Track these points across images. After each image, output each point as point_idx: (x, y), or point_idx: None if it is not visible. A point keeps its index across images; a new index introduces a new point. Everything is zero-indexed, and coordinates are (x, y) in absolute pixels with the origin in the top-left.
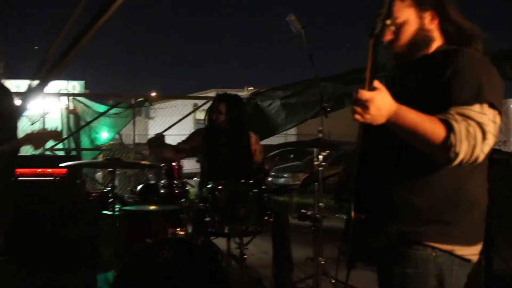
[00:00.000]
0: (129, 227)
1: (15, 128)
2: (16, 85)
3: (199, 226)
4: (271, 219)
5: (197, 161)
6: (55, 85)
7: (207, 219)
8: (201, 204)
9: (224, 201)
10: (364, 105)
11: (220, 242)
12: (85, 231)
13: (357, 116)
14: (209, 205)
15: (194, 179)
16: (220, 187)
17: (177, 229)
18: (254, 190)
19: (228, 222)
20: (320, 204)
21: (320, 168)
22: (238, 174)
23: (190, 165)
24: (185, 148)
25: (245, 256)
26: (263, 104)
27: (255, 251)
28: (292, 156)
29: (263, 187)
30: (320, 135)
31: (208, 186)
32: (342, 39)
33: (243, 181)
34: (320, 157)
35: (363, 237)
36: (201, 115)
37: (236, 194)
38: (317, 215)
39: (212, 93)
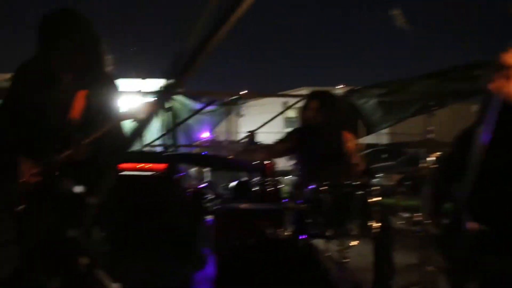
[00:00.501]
0: (228, 224)
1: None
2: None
3: (299, 227)
4: (375, 222)
5: (291, 159)
6: (153, 83)
7: (309, 220)
8: (302, 205)
9: (328, 203)
10: (508, 73)
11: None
12: (183, 227)
13: (496, 85)
14: (311, 206)
15: (286, 177)
16: (324, 188)
17: (279, 229)
18: (359, 192)
19: (331, 225)
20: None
21: (431, 171)
22: (334, 173)
23: (282, 162)
24: (281, 149)
25: (346, 260)
26: (358, 102)
27: (353, 253)
28: (385, 156)
29: (368, 189)
30: (431, 135)
31: (311, 187)
32: (445, 35)
33: (347, 183)
34: (431, 158)
35: (478, 252)
36: (292, 113)
37: (341, 196)
38: (426, 221)
39: (303, 91)
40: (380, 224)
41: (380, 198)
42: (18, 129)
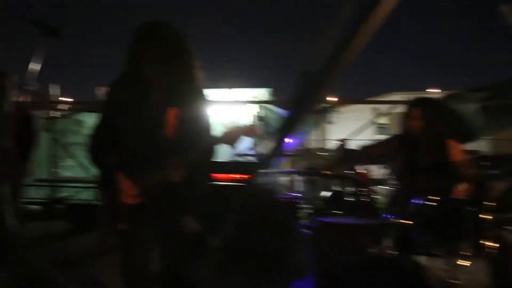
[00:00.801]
0: (327, 240)
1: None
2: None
3: (404, 244)
4: (490, 241)
5: (387, 168)
6: (245, 93)
7: (414, 237)
8: (407, 221)
9: (435, 218)
10: None
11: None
12: (277, 238)
13: None
14: (416, 222)
15: (379, 187)
16: (431, 203)
17: (381, 246)
18: (471, 208)
19: (440, 243)
20: None
21: None
22: (439, 186)
23: (376, 171)
24: (377, 153)
25: (457, 282)
26: (457, 107)
27: (464, 274)
28: (487, 163)
29: (482, 204)
30: None
31: (416, 201)
32: None
33: (458, 197)
34: None
35: None
36: (383, 119)
37: (451, 211)
38: None
39: (394, 97)
40: (496, 242)
41: (494, 214)
42: (116, 146)
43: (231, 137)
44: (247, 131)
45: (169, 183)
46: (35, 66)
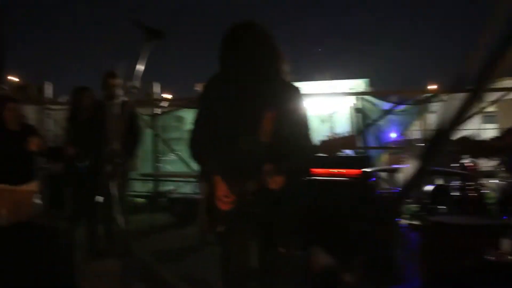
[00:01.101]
0: (438, 240)
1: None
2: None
3: None
4: None
5: (496, 159)
6: (342, 84)
7: None
8: None
9: None
10: None
11: None
12: (379, 235)
13: None
14: None
15: (489, 180)
16: None
17: (501, 250)
18: None
19: None
20: None
21: None
22: None
23: (485, 163)
24: (498, 146)
25: None
26: None
27: None
28: None
29: None
30: None
31: None
32: None
33: None
34: None
35: None
36: (491, 107)
37: None
38: None
39: (504, 82)
40: None
41: None
42: (213, 147)
43: (329, 148)
44: (346, 142)
45: (266, 190)
46: (139, 66)
